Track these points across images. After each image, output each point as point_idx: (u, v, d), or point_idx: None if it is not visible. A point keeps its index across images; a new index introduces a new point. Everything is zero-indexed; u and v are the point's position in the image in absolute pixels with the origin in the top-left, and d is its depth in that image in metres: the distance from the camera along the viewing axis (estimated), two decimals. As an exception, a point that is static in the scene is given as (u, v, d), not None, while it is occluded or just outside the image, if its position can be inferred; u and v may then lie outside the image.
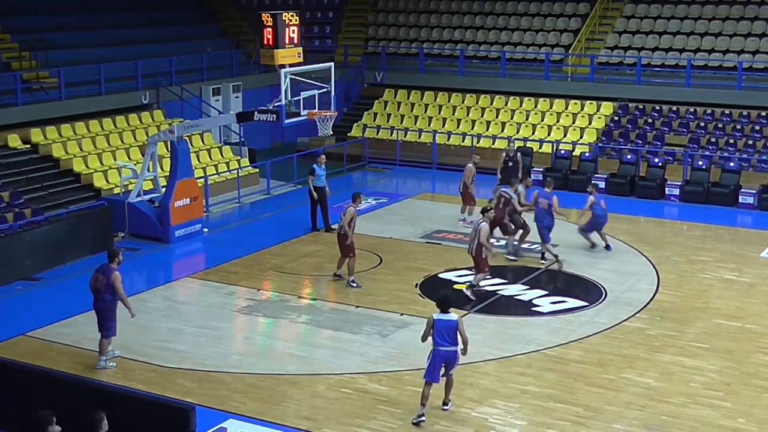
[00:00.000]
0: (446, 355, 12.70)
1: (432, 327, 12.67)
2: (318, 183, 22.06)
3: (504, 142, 29.25)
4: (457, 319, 12.75)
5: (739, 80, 28.60)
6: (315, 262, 19.98)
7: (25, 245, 19.29)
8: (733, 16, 31.14)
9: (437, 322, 12.66)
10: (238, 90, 30.53)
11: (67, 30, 28.25)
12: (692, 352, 15.30)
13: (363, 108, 33.17)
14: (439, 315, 12.72)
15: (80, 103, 25.82)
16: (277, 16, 20.15)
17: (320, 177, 22.11)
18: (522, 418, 13.07)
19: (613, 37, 32.09)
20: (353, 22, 36.96)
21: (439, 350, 12.67)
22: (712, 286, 18.64)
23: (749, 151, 27.21)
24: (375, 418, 12.94)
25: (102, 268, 14.44)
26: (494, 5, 34.98)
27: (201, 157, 26.40)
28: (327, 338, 15.97)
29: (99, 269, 14.47)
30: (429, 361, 12.79)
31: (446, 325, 12.65)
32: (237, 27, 34.05)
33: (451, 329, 12.63)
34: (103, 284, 14.27)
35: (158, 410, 11.26)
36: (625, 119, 29.66)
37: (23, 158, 23.73)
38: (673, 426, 12.80)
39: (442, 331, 12.62)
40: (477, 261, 17.69)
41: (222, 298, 17.85)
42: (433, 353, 12.74)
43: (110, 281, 14.24)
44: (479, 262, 17.67)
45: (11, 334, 15.96)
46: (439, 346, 12.66)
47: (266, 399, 13.59)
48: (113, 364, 14.62)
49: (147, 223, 21.54)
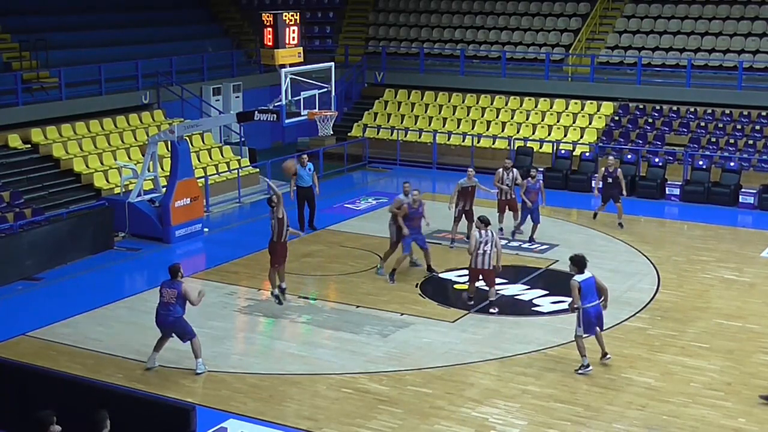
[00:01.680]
0: (594, 310, 14.08)
1: (579, 289, 13.94)
2: (302, 183, 21.83)
3: (504, 142, 29.27)
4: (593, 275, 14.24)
5: (739, 80, 28.60)
6: (315, 262, 19.98)
7: (25, 245, 19.30)
8: (733, 15, 31.12)
9: (582, 284, 14.02)
10: (239, 90, 30.54)
11: (67, 30, 28.24)
12: (693, 351, 15.30)
13: (363, 108, 33.17)
14: (580, 277, 14.08)
15: (80, 103, 25.82)
16: (277, 15, 20.13)
17: (303, 177, 21.82)
18: (522, 417, 13.07)
19: (614, 37, 32.09)
20: (354, 22, 36.96)
21: (587, 309, 14.00)
22: (713, 285, 18.64)
23: (749, 150, 27.21)
24: (375, 418, 12.95)
25: (168, 283, 14.27)
26: (494, 5, 34.98)
27: (201, 156, 26.40)
28: (327, 338, 15.98)
29: (165, 284, 14.29)
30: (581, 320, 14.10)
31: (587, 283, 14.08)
32: (237, 27, 34.06)
33: (591, 286, 14.09)
34: (174, 297, 14.09)
35: (158, 410, 11.26)
36: (626, 119, 29.66)
37: (24, 158, 23.73)
38: (673, 426, 12.80)
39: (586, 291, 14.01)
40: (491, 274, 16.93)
41: (222, 298, 17.85)
42: (583, 311, 14.01)
43: (182, 292, 14.08)
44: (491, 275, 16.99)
45: (12, 334, 15.96)
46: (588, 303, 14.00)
47: (267, 399, 13.60)
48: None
49: (147, 222, 21.55)
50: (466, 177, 20.83)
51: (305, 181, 21.89)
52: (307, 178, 21.94)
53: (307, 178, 21.96)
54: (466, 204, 20.74)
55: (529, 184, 21.08)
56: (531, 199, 21.04)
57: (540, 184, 21.39)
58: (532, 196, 21.06)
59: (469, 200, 20.77)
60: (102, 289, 18.48)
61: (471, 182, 20.76)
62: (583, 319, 14.08)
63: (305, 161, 22.11)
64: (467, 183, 20.72)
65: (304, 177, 21.87)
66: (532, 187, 21.08)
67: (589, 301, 14.07)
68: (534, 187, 21.11)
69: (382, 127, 31.59)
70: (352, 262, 20.07)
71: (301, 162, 21.96)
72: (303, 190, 21.92)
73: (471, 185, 20.73)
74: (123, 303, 17.67)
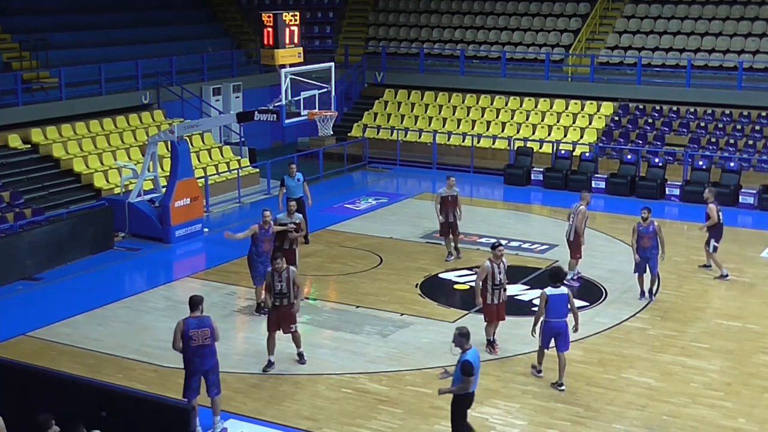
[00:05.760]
0: (556, 326, 13.68)
1: (546, 302, 13.60)
2: (291, 195, 20.52)
3: (504, 142, 29.27)
4: (568, 292, 13.81)
5: (739, 80, 28.60)
6: (315, 262, 19.98)
7: (25, 245, 19.30)
8: (733, 16, 31.13)
9: (551, 297, 13.61)
10: (239, 90, 30.54)
11: (67, 30, 28.25)
12: (693, 352, 15.31)
13: (363, 108, 33.17)
14: (552, 290, 13.67)
15: (81, 103, 25.82)
16: (277, 16, 20.14)
17: (291, 189, 20.70)
18: (522, 418, 13.08)
19: (614, 37, 32.09)
20: (354, 22, 36.96)
21: (549, 322, 13.66)
22: (713, 286, 18.65)
23: (749, 151, 27.21)
24: (375, 418, 12.95)
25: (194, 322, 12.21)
26: (494, 5, 34.99)
27: (201, 157, 26.41)
28: (327, 338, 15.98)
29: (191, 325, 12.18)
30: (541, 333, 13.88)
31: (556, 298, 13.64)
32: (238, 27, 34.06)
33: (561, 302, 13.66)
34: (208, 337, 12.25)
35: (158, 410, 11.26)
36: (626, 119, 29.66)
37: (24, 158, 23.74)
38: (673, 426, 12.80)
39: (554, 305, 13.61)
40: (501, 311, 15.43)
41: (222, 298, 17.86)
42: (544, 324, 13.73)
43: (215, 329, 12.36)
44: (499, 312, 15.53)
45: (12, 334, 15.97)
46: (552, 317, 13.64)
47: (267, 399, 13.61)
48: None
49: (147, 223, 21.55)
50: (446, 186, 19.47)
51: (294, 193, 20.69)
52: (295, 189, 20.78)
53: (295, 189, 20.79)
54: (449, 215, 19.45)
55: (640, 228, 17.40)
56: (644, 246, 17.30)
57: (654, 227, 17.35)
58: (645, 242, 17.31)
59: (452, 211, 19.45)
60: (102, 289, 18.48)
61: (451, 191, 19.35)
62: (543, 330, 13.76)
63: (294, 172, 20.97)
64: (446, 192, 19.36)
65: (293, 188, 20.77)
66: (644, 232, 17.36)
67: (553, 316, 13.58)
68: (647, 231, 17.33)
69: (382, 127, 31.59)
70: (352, 262, 20.08)
71: (290, 172, 21.01)
72: (292, 201, 20.52)
73: (451, 194, 19.35)
74: (123, 303, 17.67)
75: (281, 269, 14.03)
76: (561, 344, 13.78)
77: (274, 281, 14.08)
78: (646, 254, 17.34)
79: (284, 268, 14.04)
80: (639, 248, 17.35)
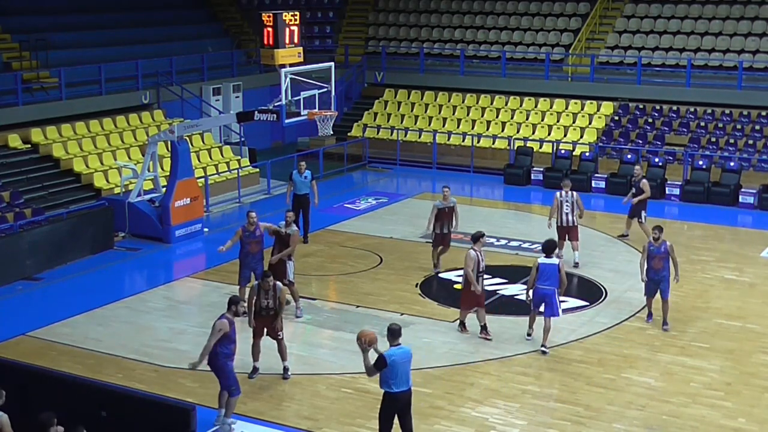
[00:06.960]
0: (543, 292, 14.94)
1: (537, 269, 14.97)
2: (297, 191, 20.92)
3: (504, 142, 29.27)
4: (558, 262, 15.07)
5: (739, 80, 28.60)
6: (316, 262, 19.98)
7: (25, 245, 19.30)
8: (733, 15, 31.13)
9: (542, 265, 14.95)
10: (239, 90, 30.54)
11: (67, 30, 28.24)
12: (693, 351, 15.31)
13: (363, 108, 33.17)
14: (544, 259, 14.99)
15: (80, 103, 25.81)
16: (277, 15, 20.14)
17: (298, 185, 20.91)
18: (522, 417, 13.07)
19: (614, 37, 32.09)
20: (354, 22, 36.96)
21: (539, 288, 14.97)
22: (713, 285, 18.65)
23: (749, 150, 27.21)
24: (375, 418, 12.91)
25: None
26: (494, 5, 34.98)
27: (201, 156, 26.40)
28: (327, 338, 15.98)
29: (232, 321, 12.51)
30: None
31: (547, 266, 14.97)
32: (238, 27, 34.06)
33: (551, 272, 14.94)
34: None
35: (158, 410, 11.27)
36: (626, 119, 29.66)
37: (23, 158, 23.73)
38: (673, 426, 12.80)
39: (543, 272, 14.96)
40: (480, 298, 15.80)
41: (223, 298, 17.73)
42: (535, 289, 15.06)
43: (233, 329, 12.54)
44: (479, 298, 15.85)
45: (12, 334, 15.96)
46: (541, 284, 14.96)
47: (267, 399, 13.60)
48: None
49: (147, 222, 21.55)
50: (442, 197, 18.97)
51: (299, 189, 20.96)
52: (301, 185, 20.98)
53: (302, 185, 20.98)
54: (444, 227, 18.90)
55: (651, 248, 16.08)
56: (655, 267, 15.98)
57: (667, 247, 16.00)
58: (656, 263, 15.98)
59: (447, 223, 18.89)
60: (102, 289, 18.47)
61: (447, 203, 18.80)
62: (534, 295, 15.16)
63: (303, 168, 21.13)
64: (443, 204, 18.79)
65: (299, 185, 20.97)
66: (656, 252, 16.01)
67: (542, 283, 14.99)
68: (658, 251, 15.99)
69: (382, 127, 31.59)
70: (352, 262, 20.08)
71: (300, 168, 21.15)
72: (298, 197, 21.12)
73: (447, 206, 18.82)
74: (123, 303, 17.67)
75: (268, 288, 13.95)
76: (548, 310, 15.04)
77: (260, 297, 14.00)
78: (657, 276, 15.97)
79: (271, 286, 13.96)
80: (649, 269, 16.01)
